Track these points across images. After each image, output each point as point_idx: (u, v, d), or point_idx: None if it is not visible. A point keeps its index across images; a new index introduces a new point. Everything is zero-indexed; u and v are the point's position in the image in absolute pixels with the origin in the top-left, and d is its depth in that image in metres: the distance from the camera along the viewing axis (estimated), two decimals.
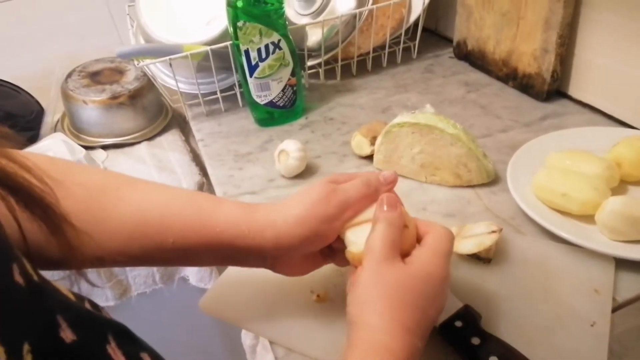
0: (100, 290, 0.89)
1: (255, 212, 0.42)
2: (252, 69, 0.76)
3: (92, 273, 0.86)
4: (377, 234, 0.39)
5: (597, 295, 0.47)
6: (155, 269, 0.95)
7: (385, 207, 0.41)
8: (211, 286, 0.54)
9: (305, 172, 0.70)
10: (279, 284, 0.52)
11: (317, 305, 0.50)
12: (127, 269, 0.90)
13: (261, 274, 0.54)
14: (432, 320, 0.38)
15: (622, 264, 0.50)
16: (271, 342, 0.48)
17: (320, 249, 0.44)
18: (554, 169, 0.59)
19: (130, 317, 0.98)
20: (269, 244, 0.41)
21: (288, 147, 0.68)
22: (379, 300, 0.36)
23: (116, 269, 0.89)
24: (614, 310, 0.46)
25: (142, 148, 1.01)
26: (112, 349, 0.30)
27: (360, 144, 0.71)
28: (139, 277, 0.93)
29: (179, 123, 1.10)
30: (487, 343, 0.42)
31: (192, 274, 0.96)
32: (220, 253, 0.43)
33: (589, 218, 0.53)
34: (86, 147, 0.98)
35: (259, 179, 0.70)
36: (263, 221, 0.41)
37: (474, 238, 0.52)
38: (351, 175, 0.45)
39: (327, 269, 0.53)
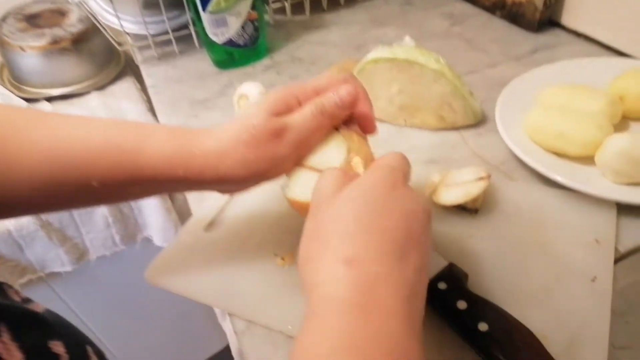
0: (54, 255, 0.82)
1: (191, 150, 0.35)
2: (205, 2, 0.66)
3: (42, 238, 0.78)
4: (318, 184, 0.33)
5: (598, 246, 0.41)
6: (114, 230, 0.87)
7: None
8: (159, 254, 0.47)
9: None
10: (238, 249, 0.46)
11: (282, 270, 0.43)
12: (83, 231, 0.83)
13: (217, 239, 0.47)
14: (395, 229, 0.29)
15: (625, 209, 0.44)
16: (230, 315, 0.41)
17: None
18: (549, 106, 0.52)
19: (90, 282, 0.92)
20: (209, 182, 0.36)
21: (248, 91, 0.60)
22: (311, 247, 0.30)
23: (70, 232, 0.81)
24: (616, 261, 0.41)
25: (93, 98, 0.91)
26: (2, 342, 0.24)
27: None
28: (97, 240, 0.86)
29: (134, 70, 0.99)
30: (474, 307, 0.36)
31: (156, 233, 0.89)
32: (153, 189, 0.38)
33: (588, 160, 0.47)
34: (28, 100, 0.87)
35: None
36: (202, 162, 0.35)
37: (459, 186, 0.45)
38: (298, 92, 0.37)
39: (292, 228, 0.46)
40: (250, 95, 0.60)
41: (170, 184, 0.35)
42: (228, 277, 0.43)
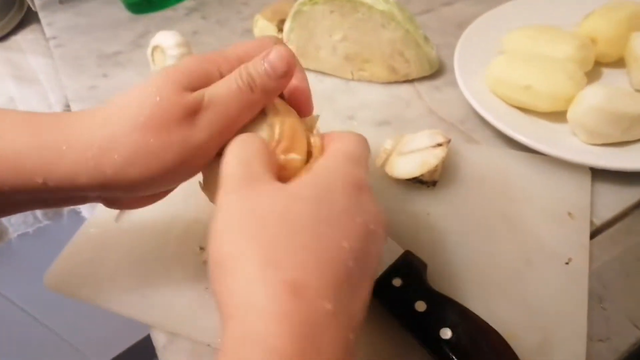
0: None
1: (56, 144, 0.25)
2: None
3: None
4: (229, 154, 0.24)
5: (571, 220, 0.36)
6: None
7: None
8: (60, 253, 0.39)
9: None
10: (156, 243, 0.38)
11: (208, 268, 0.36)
12: None
13: (131, 231, 0.40)
14: (352, 251, 0.21)
15: (599, 174, 0.39)
16: (150, 327, 0.35)
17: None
18: (514, 53, 0.45)
19: (14, 262, 0.83)
20: (88, 188, 0.25)
21: (164, 42, 0.50)
22: (241, 250, 0.20)
23: None
24: (591, 236, 0.36)
25: None
26: None
27: (264, 31, 0.54)
28: (16, 217, 0.76)
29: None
30: (435, 308, 0.30)
31: (85, 205, 0.80)
32: (5, 206, 0.27)
33: (558, 116, 0.41)
34: None
35: None
36: (73, 159, 0.24)
37: (414, 155, 0.39)
38: (219, 60, 0.27)
39: None
40: (165, 46, 0.49)
41: (28, 195, 0.25)
42: (144, 279, 0.36)
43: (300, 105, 0.29)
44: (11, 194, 0.25)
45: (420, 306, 0.30)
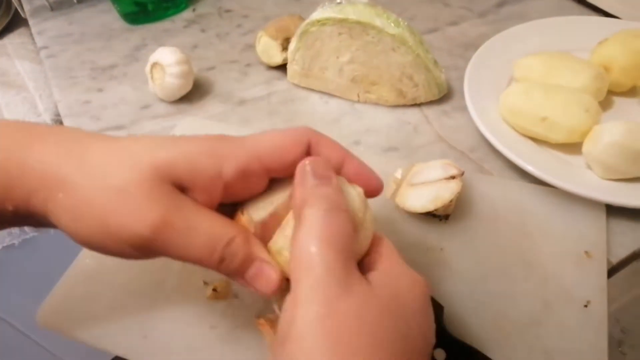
0: None
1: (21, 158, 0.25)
2: None
3: None
4: (310, 232, 0.22)
5: (588, 259, 0.35)
6: None
7: (311, 180, 0.24)
8: (54, 288, 0.37)
9: (194, 93, 0.50)
10: (157, 275, 0.36)
11: (214, 305, 0.34)
12: None
13: (128, 265, 0.37)
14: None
15: (614, 209, 0.38)
16: None
17: None
18: (527, 81, 0.44)
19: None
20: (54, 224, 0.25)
21: (163, 59, 0.47)
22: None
23: None
24: (607, 276, 0.35)
25: None
26: None
27: (267, 48, 0.52)
28: None
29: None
30: (455, 357, 0.29)
31: None
32: None
33: (571, 147, 0.41)
34: None
35: (127, 106, 0.50)
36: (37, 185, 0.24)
37: (427, 187, 0.37)
38: (226, 153, 0.25)
39: None
40: (165, 64, 0.47)
41: None
42: (145, 317, 0.34)
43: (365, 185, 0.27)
44: None
45: (439, 354, 0.29)
